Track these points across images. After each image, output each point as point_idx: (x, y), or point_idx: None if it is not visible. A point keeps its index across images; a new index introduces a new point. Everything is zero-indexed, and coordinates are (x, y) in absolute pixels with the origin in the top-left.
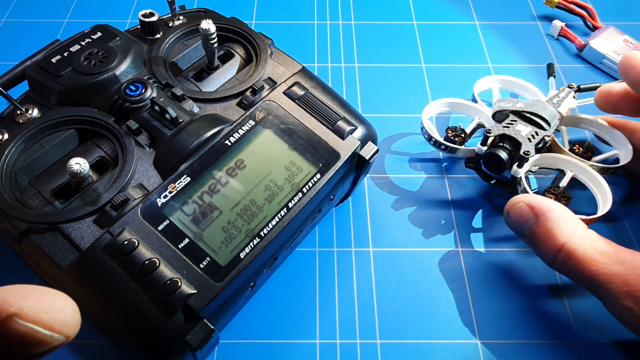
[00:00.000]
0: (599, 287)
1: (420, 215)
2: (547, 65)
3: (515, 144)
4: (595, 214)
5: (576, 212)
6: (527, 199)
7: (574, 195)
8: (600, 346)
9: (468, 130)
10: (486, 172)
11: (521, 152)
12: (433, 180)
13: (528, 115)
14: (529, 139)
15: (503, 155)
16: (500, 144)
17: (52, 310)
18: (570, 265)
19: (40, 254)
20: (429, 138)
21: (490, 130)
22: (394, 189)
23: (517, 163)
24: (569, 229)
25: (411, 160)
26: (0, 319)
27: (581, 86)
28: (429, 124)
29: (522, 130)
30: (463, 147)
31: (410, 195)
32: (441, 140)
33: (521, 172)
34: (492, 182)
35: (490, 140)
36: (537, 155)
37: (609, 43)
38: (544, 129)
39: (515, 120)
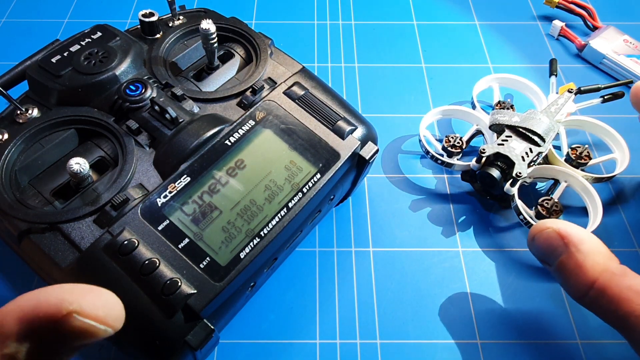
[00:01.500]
0: (631, 329)
1: (421, 215)
2: (550, 61)
3: (509, 161)
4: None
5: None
6: (556, 226)
7: (570, 203)
8: (600, 346)
9: (465, 138)
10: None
11: (514, 174)
12: (433, 180)
13: (523, 131)
14: (522, 157)
15: (495, 174)
16: (495, 161)
17: (105, 307)
18: (602, 304)
19: (40, 254)
20: (426, 152)
21: (484, 149)
22: (394, 189)
23: (510, 181)
24: (602, 263)
25: (411, 160)
26: (61, 316)
27: (582, 88)
28: (426, 134)
29: (516, 148)
30: (459, 162)
31: (410, 195)
32: (437, 155)
33: (514, 190)
34: (487, 197)
35: (484, 158)
36: (531, 168)
37: (609, 43)
38: (539, 145)
39: (510, 136)
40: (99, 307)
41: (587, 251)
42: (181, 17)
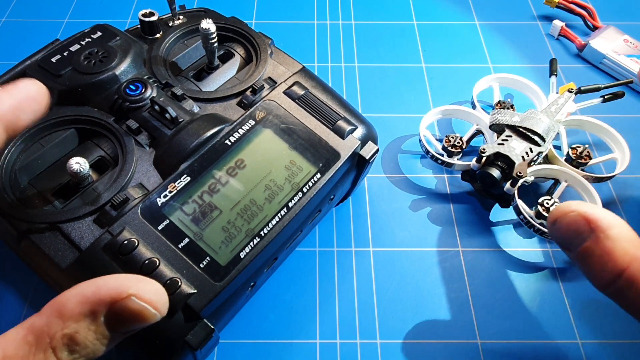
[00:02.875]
0: None
1: (421, 215)
2: (550, 61)
3: (509, 161)
4: None
5: None
6: (582, 209)
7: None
8: (600, 346)
9: (465, 138)
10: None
11: (514, 174)
12: (433, 179)
13: (523, 130)
14: (522, 157)
15: (496, 174)
16: (495, 161)
17: (156, 294)
18: (630, 294)
19: (40, 254)
20: (426, 152)
21: (484, 149)
22: (394, 189)
23: (510, 181)
24: (633, 252)
25: (411, 160)
26: (122, 297)
27: (582, 88)
28: (426, 134)
29: (516, 148)
30: (459, 162)
31: (410, 195)
32: (437, 155)
33: (514, 190)
34: (487, 197)
35: (484, 158)
36: (532, 168)
37: (609, 43)
38: (539, 145)
39: (511, 136)
40: (151, 292)
41: (617, 237)
42: (181, 17)
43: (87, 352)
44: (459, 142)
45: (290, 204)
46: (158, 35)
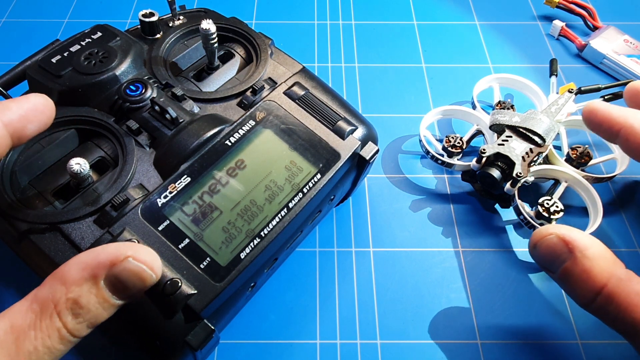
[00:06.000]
0: None
1: (421, 215)
2: (550, 61)
3: (509, 162)
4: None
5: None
6: (560, 231)
7: (570, 203)
8: (600, 346)
9: (466, 138)
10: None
11: (514, 174)
12: (433, 180)
13: (523, 131)
14: (523, 157)
15: (496, 174)
16: (495, 161)
17: (152, 255)
18: (610, 310)
19: (40, 254)
20: (426, 152)
21: (484, 150)
22: (394, 189)
23: (510, 182)
24: (609, 269)
25: (411, 160)
26: (120, 259)
27: (582, 88)
28: (427, 134)
29: (516, 148)
30: (459, 162)
31: (410, 195)
32: (437, 155)
33: (514, 190)
34: (487, 197)
35: (484, 159)
36: (532, 168)
37: (609, 43)
38: (539, 145)
39: (511, 136)
40: (146, 254)
41: (594, 256)
42: (181, 17)
43: (90, 317)
44: (459, 143)
45: (290, 205)
46: (158, 36)
